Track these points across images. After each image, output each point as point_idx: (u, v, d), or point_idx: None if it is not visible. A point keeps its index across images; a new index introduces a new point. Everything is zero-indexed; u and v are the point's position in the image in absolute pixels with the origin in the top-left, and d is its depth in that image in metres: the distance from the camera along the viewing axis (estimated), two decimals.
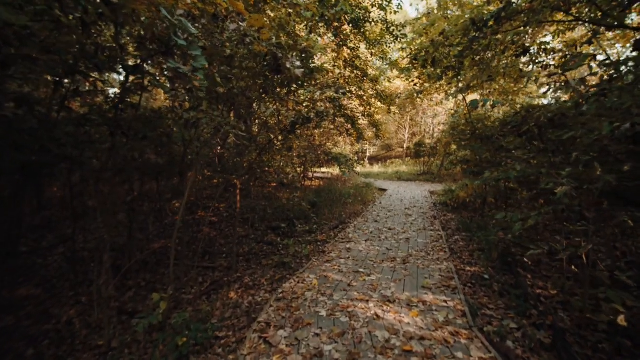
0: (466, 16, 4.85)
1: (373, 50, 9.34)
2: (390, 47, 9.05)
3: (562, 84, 2.85)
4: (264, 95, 4.26)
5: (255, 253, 6.32)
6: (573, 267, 3.33)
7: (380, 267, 4.26)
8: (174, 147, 4.37)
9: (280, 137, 5.07)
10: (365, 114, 12.52)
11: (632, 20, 6.49)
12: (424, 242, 5.58)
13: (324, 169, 19.90)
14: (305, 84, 4.42)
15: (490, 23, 4.68)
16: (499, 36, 5.01)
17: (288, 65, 2.91)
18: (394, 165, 25.17)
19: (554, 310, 3.24)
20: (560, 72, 2.90)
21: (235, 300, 4.13)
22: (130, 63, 3.29)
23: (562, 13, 4.44)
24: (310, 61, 4.29)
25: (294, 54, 3.42)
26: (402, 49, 6.72)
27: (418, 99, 19.70)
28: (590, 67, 2.75)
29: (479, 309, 3.37)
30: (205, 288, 4.75)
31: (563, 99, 4.05)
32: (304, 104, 5.08)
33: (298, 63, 2.98)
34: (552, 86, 3.04)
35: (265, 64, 3.44)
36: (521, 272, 4.06)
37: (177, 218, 8.61)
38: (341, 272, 4.13)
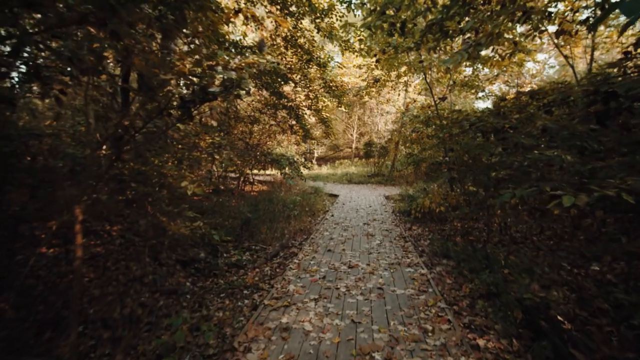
0: None
1: (320, 25, 7.39)
2: (341, 20, 7.20)
3: None
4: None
5: (137, 319, 3.84)
6: None
7: None
8: None
9: (158, 123, 2.74)
10: (312, 107, 10.59)
11: None
12: (406, 294, 3.61)
13: (269, 171, 17.56)
14: (199, 20, 2.18)
15: None
16: None
17: None
18: (342, 166, 23.80)
19: None
20: None
21: None
22: None
23: None
24: None
25: None
26: (362, 5, 4.92)
27: (367, 96, 18.48)
28: None
29: None
30: None
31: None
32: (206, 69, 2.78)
33: None
34: None
35: None
36: (578, 358, 2.40)
37: (42, 250, 5.57)
38: None
